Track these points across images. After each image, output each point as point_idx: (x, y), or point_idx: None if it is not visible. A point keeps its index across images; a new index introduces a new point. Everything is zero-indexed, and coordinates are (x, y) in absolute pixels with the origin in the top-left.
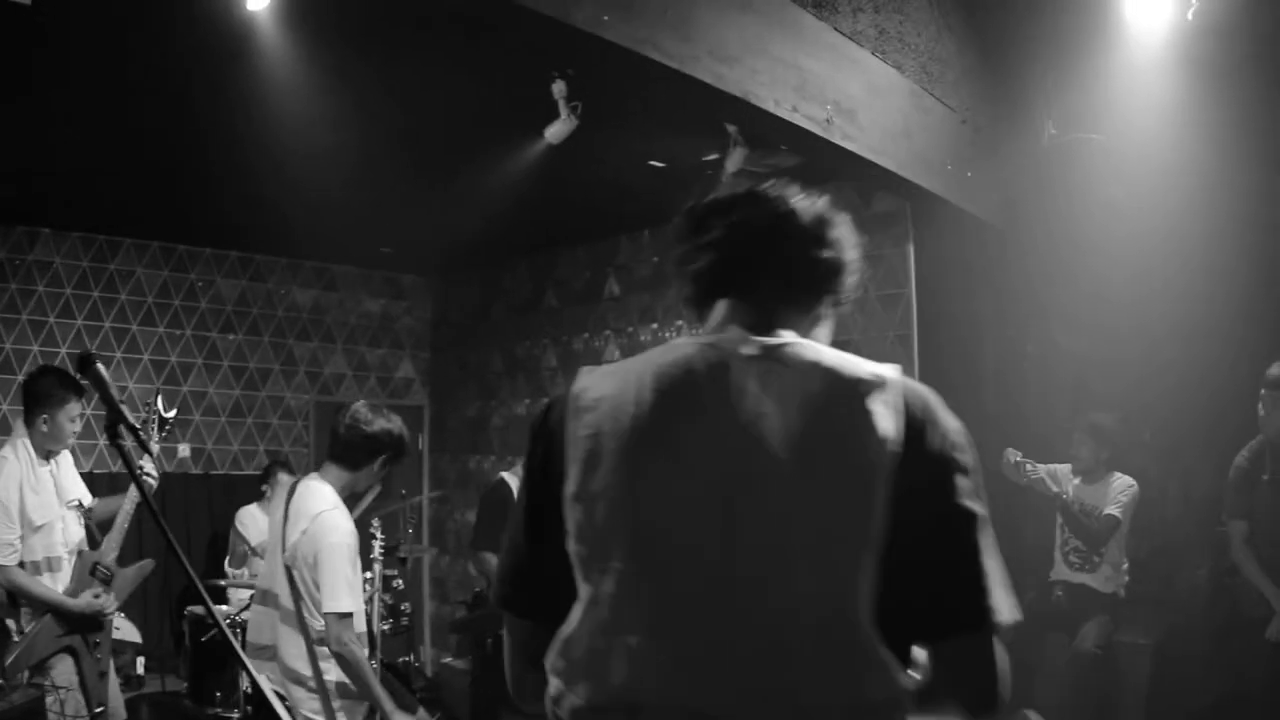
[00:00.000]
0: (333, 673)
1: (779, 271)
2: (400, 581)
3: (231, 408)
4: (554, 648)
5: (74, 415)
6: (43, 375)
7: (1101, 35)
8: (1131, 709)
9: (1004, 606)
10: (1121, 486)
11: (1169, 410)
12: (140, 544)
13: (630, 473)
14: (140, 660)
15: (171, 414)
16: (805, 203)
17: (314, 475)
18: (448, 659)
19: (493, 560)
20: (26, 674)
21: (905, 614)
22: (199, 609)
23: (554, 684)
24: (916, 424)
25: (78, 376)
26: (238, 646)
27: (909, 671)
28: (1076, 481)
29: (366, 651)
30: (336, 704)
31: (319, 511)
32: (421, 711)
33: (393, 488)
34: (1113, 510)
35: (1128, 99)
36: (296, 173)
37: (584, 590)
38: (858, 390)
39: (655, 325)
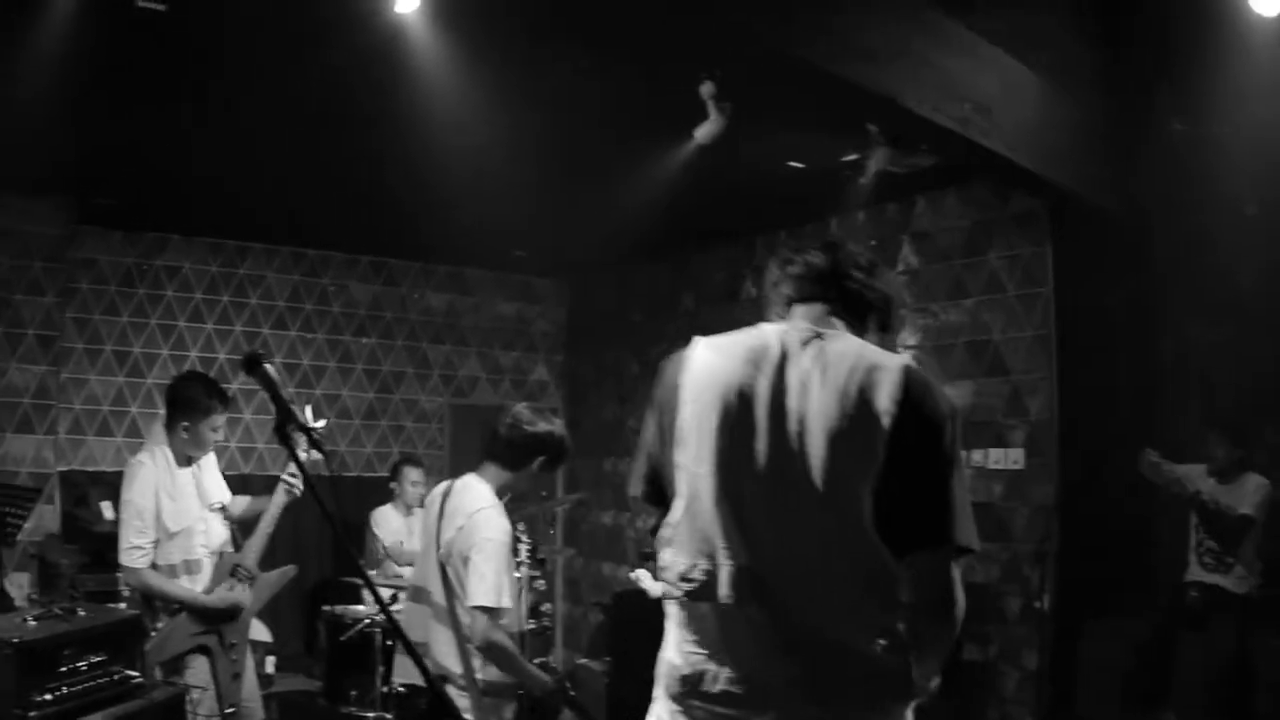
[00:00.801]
0: (481, 671)
1: (834, 294)
2: (542, 582)
3: (365, 410)
4: (664, 528)
5: (216, 425)
6: (190, 382)
7: (1224, 28)
8: (1268, 712)
9: (966, 534)
10: (1255, 485)
11: None
12: (274, 550)
13: (719, 414)
14: (270, 659)
15: (320, 424)
16: (858, 251)
17: (472, 475)
18: (582, 660)
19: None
20: (159, 672)
21: (897, 530)
22: (336, 608)
23: (665, 553)
24: (909, 397)
25: (243, 375)
26: (408, 639)
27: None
28: (1211, 482)
29: (519, 651)
30: (486, 701)
31: (476, 509)
32: (566, 712)
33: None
34: (1247, 510)
35: (1253, 91)
36: (436, 177)
37: (684, 490)
38: (871, 370)
39: None
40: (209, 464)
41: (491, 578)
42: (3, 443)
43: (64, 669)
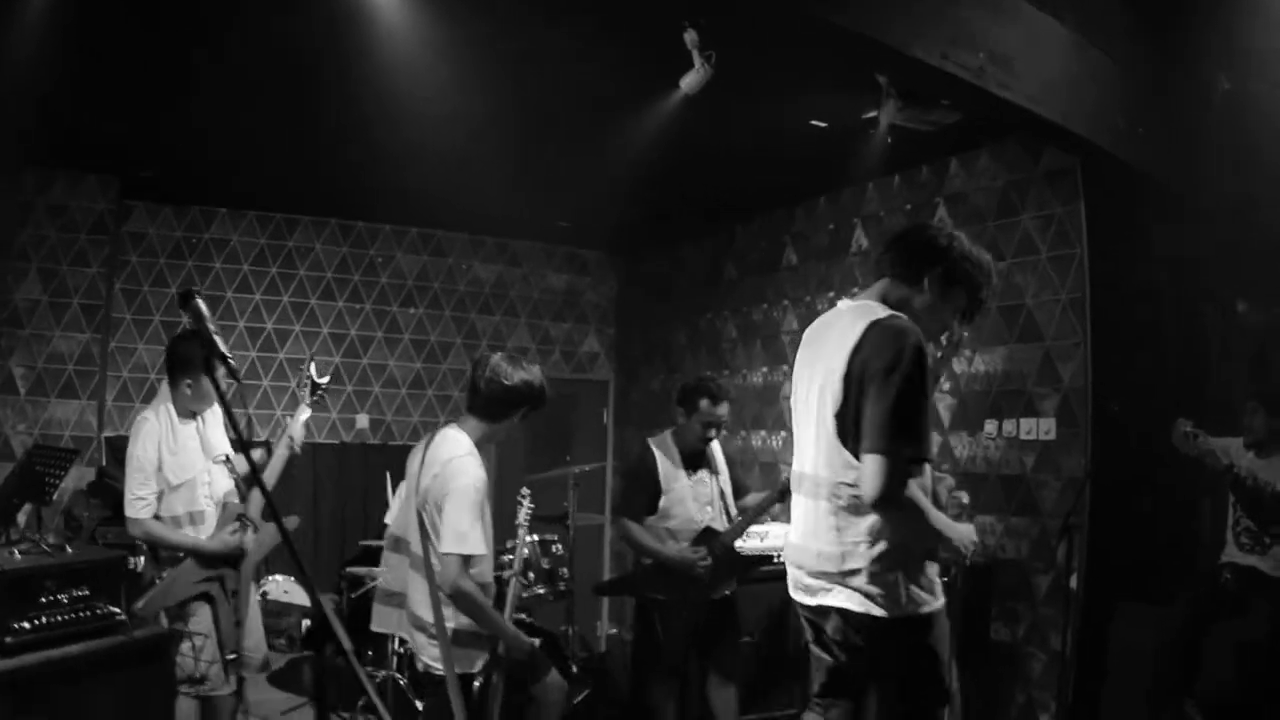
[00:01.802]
0: (453, 620)
1: (893, 264)
2: (559, 546)
3: (412, 380)
4: None
5: (220, 376)
6: (188, 340)
7: None
8: None
9: (912, 443)
10: None
11: None
12: (289, 503)
13: (799, 367)
14: (305, 623)
15: (324, 380)
16: (936, 227)
17: (452, 425)
18: (613, 629)
19: (633, 528)
20: (165, 618)
21: (857, 439)
22: (358, 569)
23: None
24: (866, 340)
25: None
26: (330, 612)
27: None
28: (1249, 455)
29: (490, 602)
30: (456, 650)
31: (450, 457)
32: (554, 674)
33: (560, 455)
34: None
35: None
36: (461, 145)
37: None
38: (850, 327)
39: (832, 294)
40: (214, 417)
41: (464, 525)
42: (48, 407)
43: (44, 600)
